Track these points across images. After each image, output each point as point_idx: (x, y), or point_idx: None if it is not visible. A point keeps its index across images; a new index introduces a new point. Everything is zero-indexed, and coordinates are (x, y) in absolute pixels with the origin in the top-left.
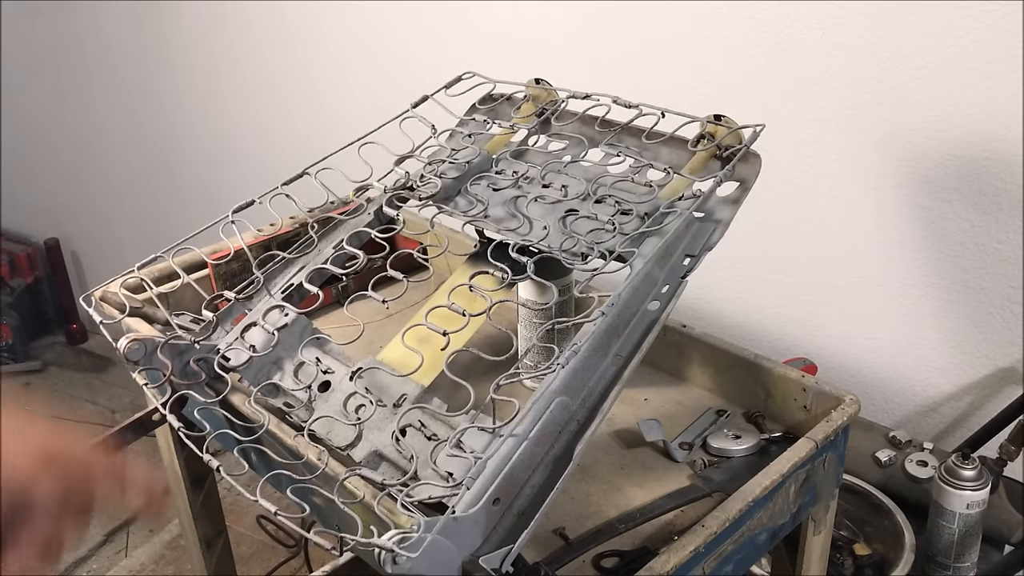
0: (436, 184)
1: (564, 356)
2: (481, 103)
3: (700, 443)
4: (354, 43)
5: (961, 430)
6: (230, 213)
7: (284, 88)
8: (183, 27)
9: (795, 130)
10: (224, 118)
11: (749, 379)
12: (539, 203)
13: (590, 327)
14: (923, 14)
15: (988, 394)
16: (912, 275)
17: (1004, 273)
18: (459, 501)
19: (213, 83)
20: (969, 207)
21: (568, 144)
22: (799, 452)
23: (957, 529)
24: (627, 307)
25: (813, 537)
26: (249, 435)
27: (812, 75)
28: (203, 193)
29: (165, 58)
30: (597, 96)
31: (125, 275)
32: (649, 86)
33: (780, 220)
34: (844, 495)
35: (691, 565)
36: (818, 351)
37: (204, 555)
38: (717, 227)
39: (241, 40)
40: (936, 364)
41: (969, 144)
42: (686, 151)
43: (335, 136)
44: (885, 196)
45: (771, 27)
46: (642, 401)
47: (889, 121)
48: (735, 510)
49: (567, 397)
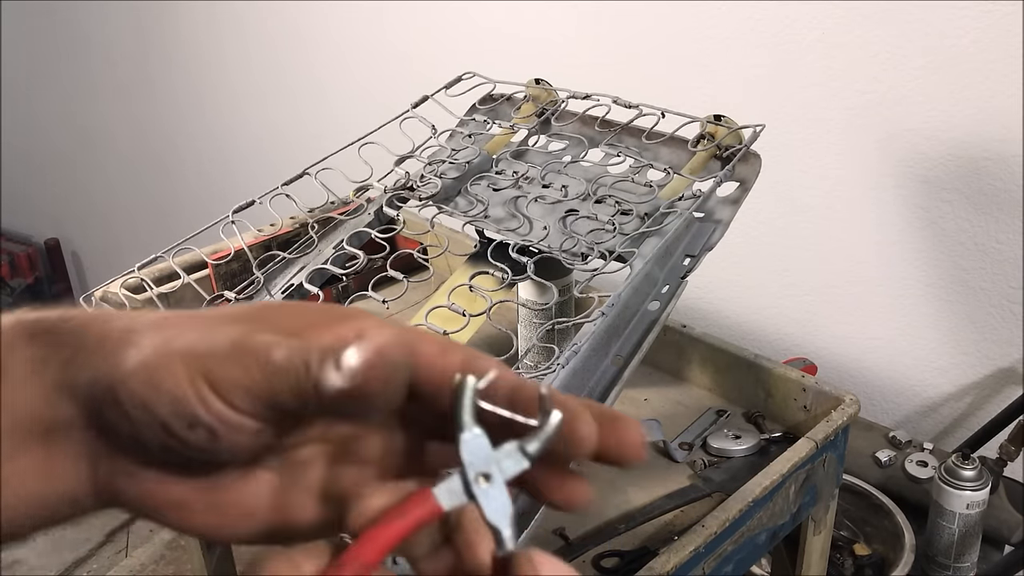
0: (436, 184)
1: (564, 356)
2: (481, 103)
3: (700, 443)
4: (354, 43)
5: (961, 430)
6: (230, 213)
7: (284, 88)
8: (183, 27)
9: (795, 130)
10: (224, 118)
11: (749, 379)
12: (539, 203)
13: (590, 327)
14: (923, 14)
15: (988, 394)
16: (912, 275)
17: (1004, 273)
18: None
19: (213, 83)
20: (969, 207)
21: (568, 144)
22: (799, 452)
23: (957, 529)
24: (627, 307)
25: (813, 537)
26: None
27: (812, 75)
28: (203, 193)
29: (165, 58)
30: (597, 96)
31: (125, 275)
32: (649, 86)
33: (780, 220)
34: (844, 495)
35: (691, 565)
36: (818, 351)
37: (204, 555)
38: (717, 227)
39: (241, 41)
40: (936, 364)
41: (969, 144)
42: (686, 151)
43: (335, 136)
44: (885, 196)
45: (771, 27)
46: (642, 401)
47: (889, 121)
48: (735, 510)
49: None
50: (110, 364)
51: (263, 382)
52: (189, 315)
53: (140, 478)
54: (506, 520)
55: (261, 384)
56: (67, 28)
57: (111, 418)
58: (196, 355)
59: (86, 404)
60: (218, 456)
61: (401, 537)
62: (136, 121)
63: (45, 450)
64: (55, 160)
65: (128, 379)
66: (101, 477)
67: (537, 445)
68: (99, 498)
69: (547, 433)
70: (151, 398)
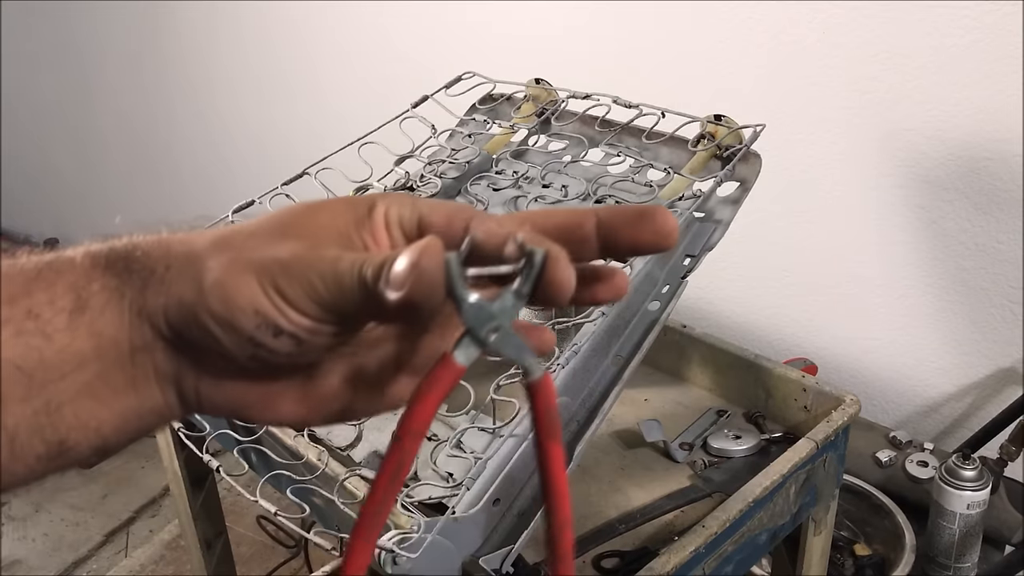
0: (436, 184)
1: (564, 356)
2: (481, 103)
3: (700, 443)
4: (354, 43)
5: (961, 430)
6: (230, 213)
7: (284, 88)
8: (183, 27)
9: (796, 130)
10: (224, 118)
11: (749, 379)
12: (539, 203)
13: (590, 327)
14: (923, 14)
15: (988, 394)
16: (912, 275)
17: (1004, 273)
18: (459, 501)
19: (213, 83)
20: (969, 207)
21: (568, 144)
22: (799, 452)
23: (958, 529)
24: (627, 307)
25: (813, 537)
26: (249, 435)
27: (813, 75)
28: (203, 193)
29: (165, 58)
30: (597, 96)
31: None
32: (649, 86)
33: (780, 220)
34: (844, 495)
35: (691, 565)
36: (818, 351)
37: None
38: (717, 227)
39: (241, 41)
40: (936, 364)
41: (969, 144)
42: (686, 151)
43: (335, 136)
44: (885, 196)
45: (772, 27)
46: (642, 401)
47: (889, 121)
48: (735, 510)
49: (567, 397)
50: (183, 289)
51: (328, 295)
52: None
53: (225, 385)
54: (525, 353)
55: (327, 296)
56: (67, 28)
57: (194, 337)
58: (265, 270)
59: (166, 327)
60: (303, 358)
61: (440, 401)
62: (136, 121)
63: (132, 370)
64: (55, 160)
65: (206, 301)
66: (187, 389)
67: (528, 285)
68: (185, 407)
69: (534, 271)
70: (233, 315)
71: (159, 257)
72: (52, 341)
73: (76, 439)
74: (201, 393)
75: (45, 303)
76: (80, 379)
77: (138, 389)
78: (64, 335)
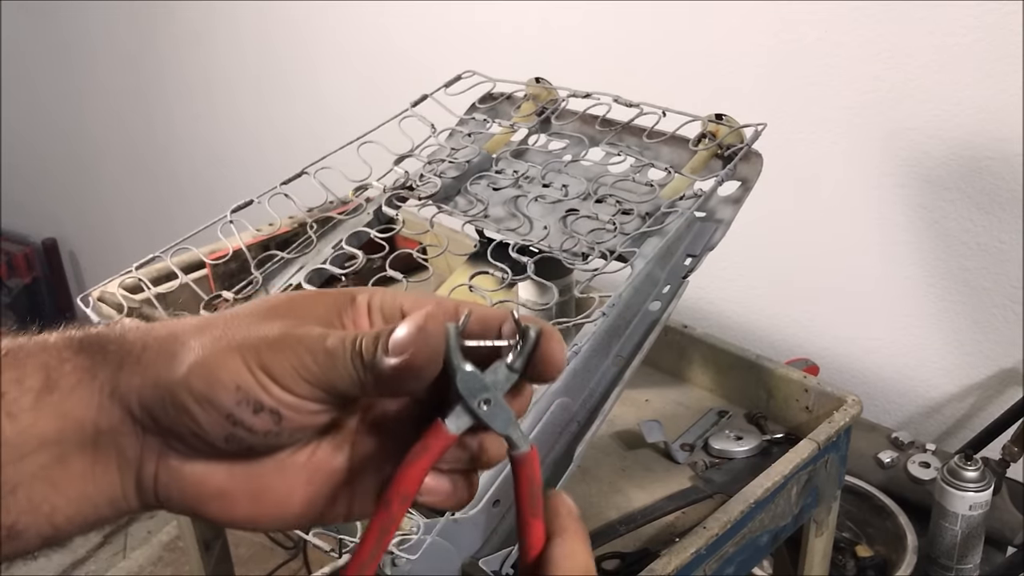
0: (436, 184)
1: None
2: (481, 102)
3: (701, 444)
4: (353, 42)
5: (964, 431)
6: (228, 213)
7: (283, 87)
8: (181, 27)
9: (797, 129)
10: (222, 117)
11: (751, 380)
12: (539, 203)
13: (591, 327)
14: (925, 13)
15: (991, 395)
16: (914, 275)
17: (1006, 273)
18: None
19: (212, 82)
20: (971, 207)
21: (568, 143)
22: (801, 453)
23: (960, 531)
24: (628, 307)
25: (815, 539)
26: None
27: (814, 74)
28: (202, 193)
29: (163, 57)
30: (597, 95)
31: (123, 275)
32: (650, 85)
33: (781, 220)
34: (846, 496)
35: (692, 567)
36: (820, 352)
37: (202, 557)
38: (719, 227)
39: (239, 40)
40: (938, 365)
41: (971, 143)
42: (687, 150)
43: (334, 135)
44: (887, 196)
45: (773, 26)
46: (643, 402)
47: (891, 120)
48: (736, 512)
49: (567, 398)
50: (160, 368)
51: (318, 369)
52: (227, 316)
53: (185, 474)
54: (513, 427)
55: (316, 371)
56: (65, 28)
57: (167, 418)
58: (250, 348)
59: (138, 407)
60: (281, 439)
61: (429, 467)
62: (134, 120)
63: (93, 454)
64: (53, 160)
65: (187, 379)
66: (145, 478)
67: (522, 359)
68: (141, 498)
69: (528, 347)
70: (214, 392)
71: (136, 339)
72: (16, 420)
73: (26, 523)
74: (159, 482)
75: (13, 381)
76: (38, 461)
77: (96, 476)
78: (29, 415)
